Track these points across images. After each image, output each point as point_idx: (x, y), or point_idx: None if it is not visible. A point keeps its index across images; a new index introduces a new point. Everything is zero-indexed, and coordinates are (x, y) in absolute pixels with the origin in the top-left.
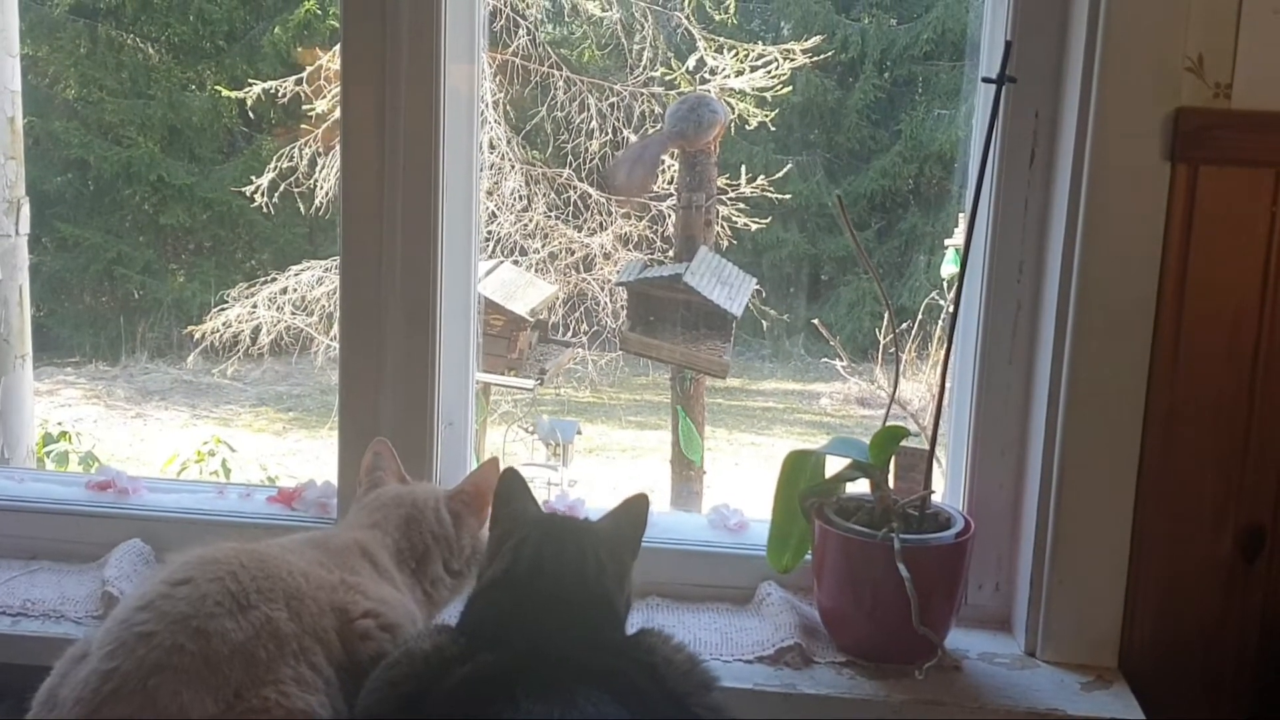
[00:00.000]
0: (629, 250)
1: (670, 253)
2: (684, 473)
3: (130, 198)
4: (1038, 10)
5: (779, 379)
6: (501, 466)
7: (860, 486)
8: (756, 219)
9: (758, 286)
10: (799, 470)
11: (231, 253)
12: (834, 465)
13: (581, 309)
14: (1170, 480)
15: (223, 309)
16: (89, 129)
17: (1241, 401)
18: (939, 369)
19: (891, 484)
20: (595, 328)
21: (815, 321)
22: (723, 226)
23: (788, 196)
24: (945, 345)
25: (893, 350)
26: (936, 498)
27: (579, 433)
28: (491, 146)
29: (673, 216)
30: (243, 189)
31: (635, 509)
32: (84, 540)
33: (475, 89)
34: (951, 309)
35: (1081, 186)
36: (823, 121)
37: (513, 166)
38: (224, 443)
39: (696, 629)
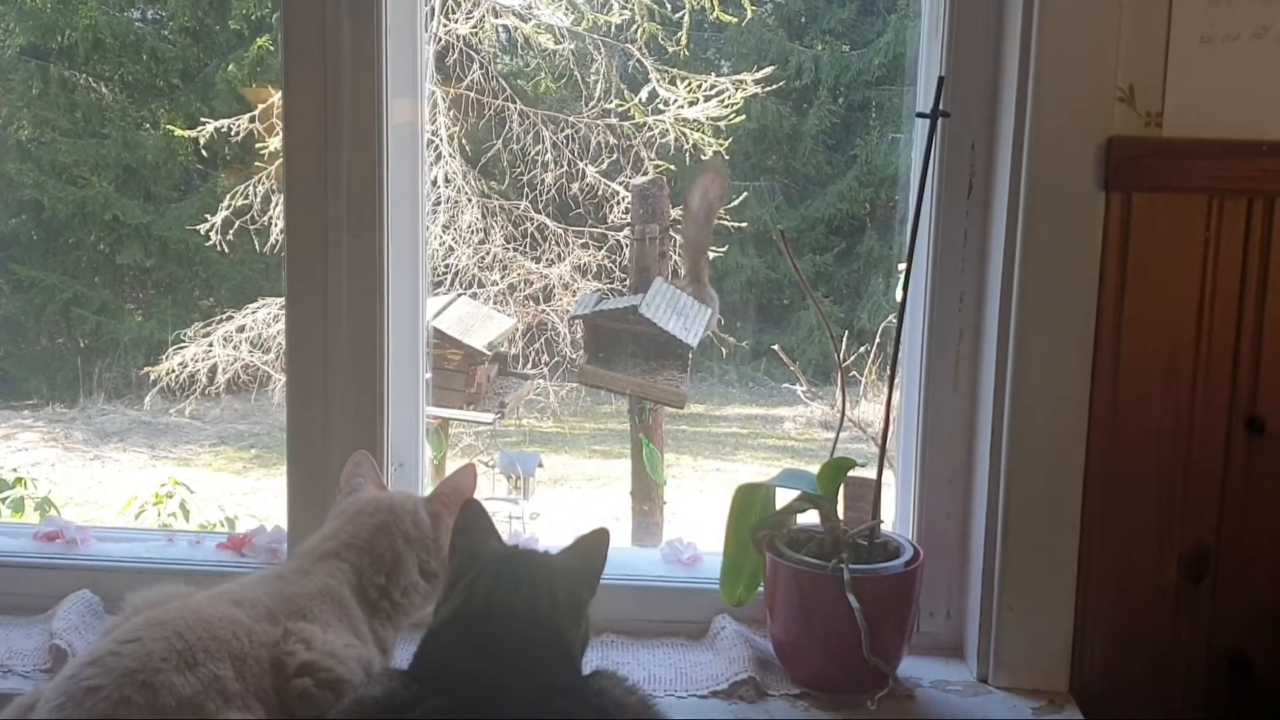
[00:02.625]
0: (587, 280)
1: (627, 283)
2: (644, 505)
3: (86, 238)
4: (971, 44)
5: (742, 404)
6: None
7: (812, 517)
8: (714, 248)
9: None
10: (749, 503)
11: (189, 291)
12: (785, 497)
13: (541, 340)
14: (1114, 504)
15: (179, 348)
16: (42, 170)
17: (1181, 425)
18: (885, 398)
19: (841, 514)
20: (556, 358)
21: (775, 347)
22: (680, 255)
23: (744, 225)
24: (889, 375)
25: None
26: (886, 527)
27: (540, 465)
28: (448, 180)
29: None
30: (198, 227)
31: (594, 544)
32: (32, 593)
33: (420, 123)
34: (895, 339)
35: (1018, 216)
36: (779, 148)
37: (469, 200)
38: (182, 484)
39: (651, 665)
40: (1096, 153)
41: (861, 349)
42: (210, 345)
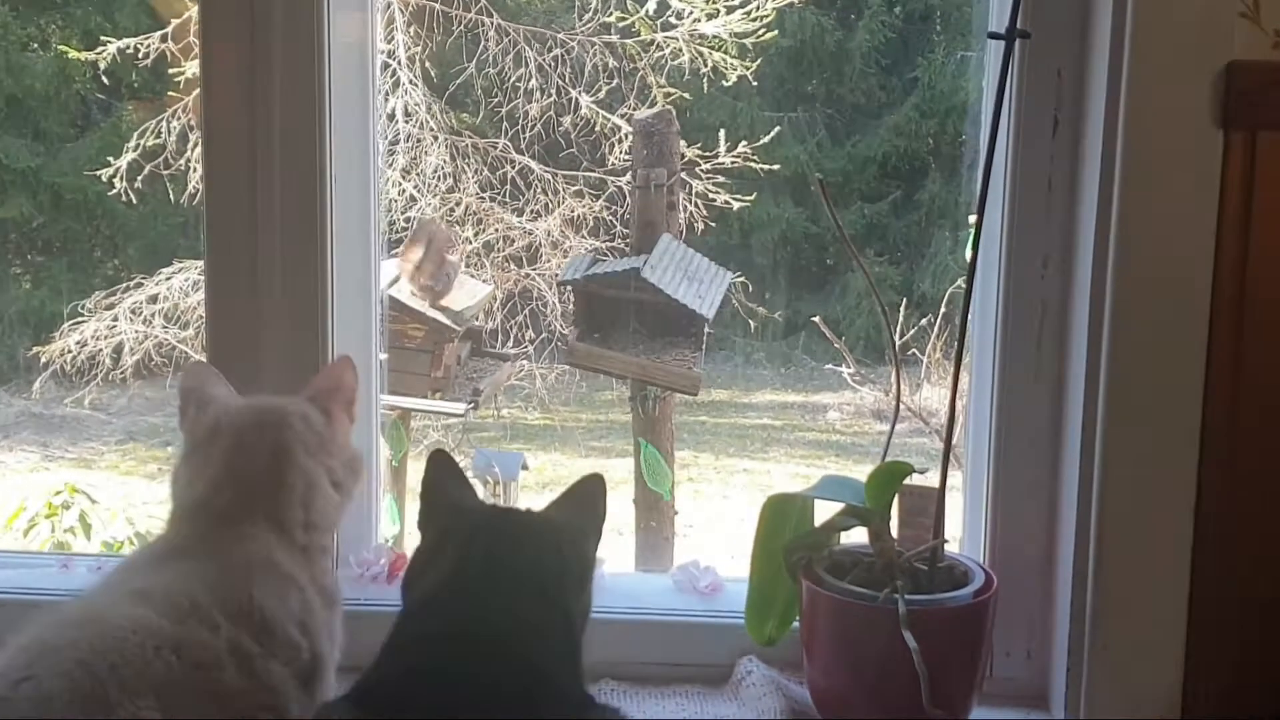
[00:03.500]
0: (582, 236)
1: (629, 241)
2: (650, 517)
3: None
4: None
5: (775, 389)
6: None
7: (860, 536)
8: (739, 196)
9: (742, 279)
10: (782, 518)
11: (89, 252)
12: (826, 511)
13: (525, 312)
14: (1236, 515)
15: (77, 323)
16: None
17: None
18: (950, 387)
19: (896, 532)
20: (543, 334)
21: (815, 319)
22: (696, 205)
23: (775, 167)
24: (955, 358)
25: (906, 356)
26: (952, 548)
27: (525, 467)
28: (407, 114)
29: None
30: (99, 172)
31: (589, 491)
32: None
33: (371, 42)
34: (962, 312)
35: (1115, 161)
36: (821, 70)
37: (435, 138)
38: (81, 491)
39: (662, 719)
40: (1213, 81)
41: (923, 320)
42: (115, 319)
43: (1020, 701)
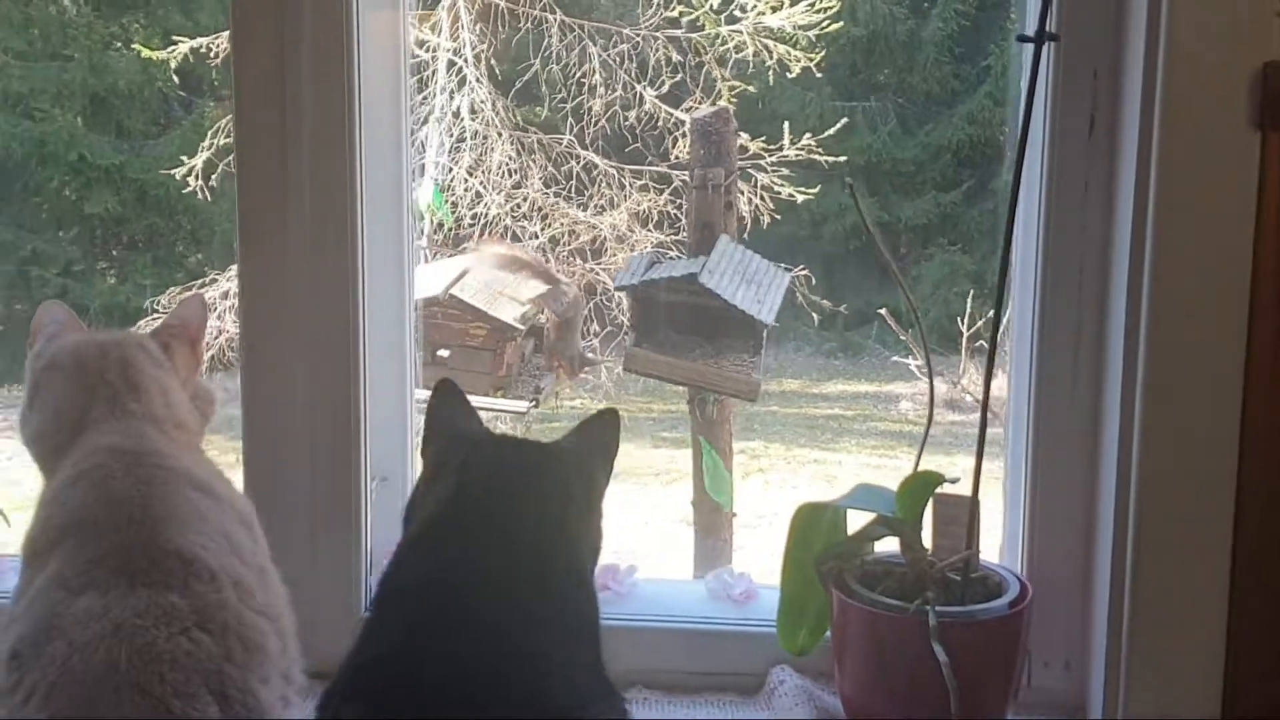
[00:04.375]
0: (648, 230)
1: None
2: (710, 517)
3: (47, 183)
4: None
5: (847, 379)
6: None
7: (893, 545)
8: (803, 189)
9: (806, 273)
10: (813, 527)
11: (172, 246)
12: (857, 521)
13: (590, 305)
14: (1276, 522)
15: (155, 319)
16: None
17: None
18: (981, 397)
19: (930, 541)
20: (609, 328)
21: (882, 311)
22: (762, 199)
23: (842, 159)
24: (986, 368)
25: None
26: (990, 557)
27: None
28: (474, 112)
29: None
30: (173, 171)
31: (604, 423)
32: None
33: (402, 39)
34: (993, 321)
35: (1151, 162)
36: (893, 59)
37: (500, 134)
38: None
39: None
40: (1250, 82)
41: (992, 312)
42: None
43: (1058, 712)
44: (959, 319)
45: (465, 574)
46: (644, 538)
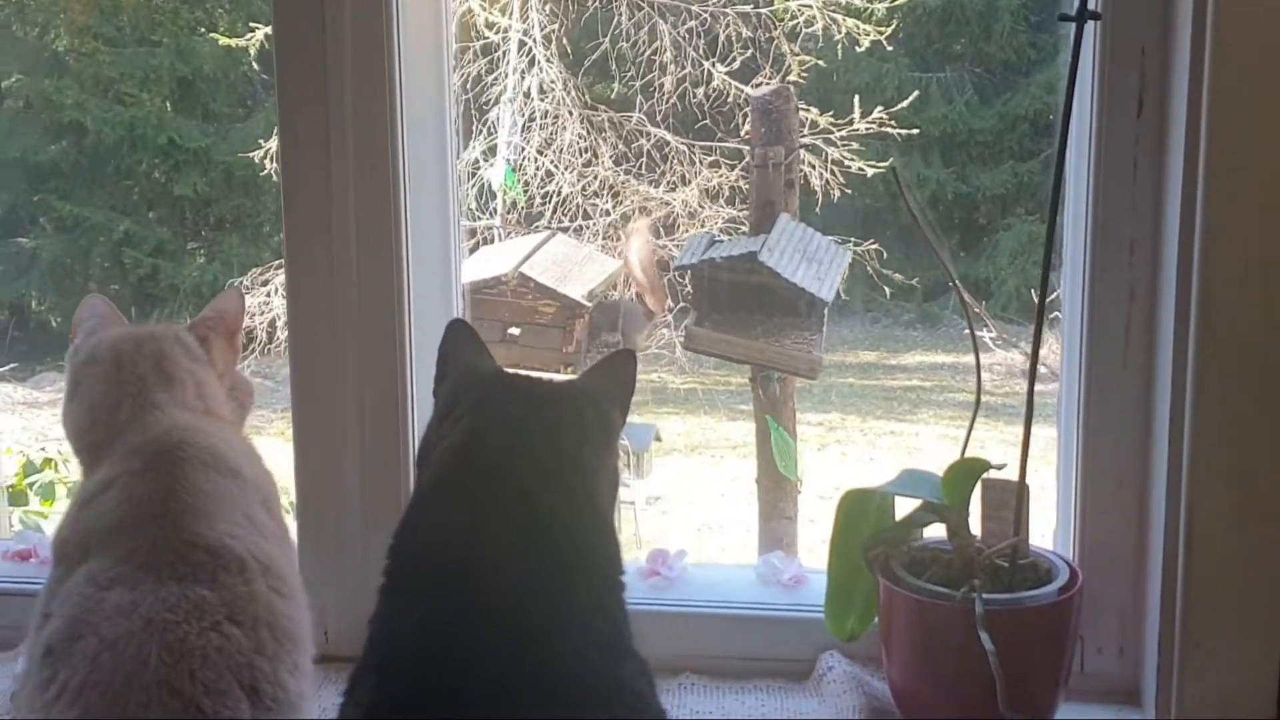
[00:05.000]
0: (719, 206)
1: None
2: (775, 497)
3: (137, 166)
4: None
5: (925, 350)
6: None
7: (941, 530)
8: (873, 162)
9: (877, 246)
10: (860, 513)
11: (258, 226)
12: (905, 506)
13: (664, 280)
14: None
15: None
16: (84, 86)
17: None
18: (1027, 380)
19: (979, 527)
20: (681, 304)
21: (954, 283)
22: (833, 173)
23: (914, 131)
24: (1031, 351)
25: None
26: (1044, 542)
27: (658, 438)
28: (544, 91)
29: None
30: (250, 154)
31: (619, 362)
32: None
33: (444, 20)
34: (1038, 310)
35: (1200, 142)
36: (969, 28)
37: (571, 113)
38: None
39: (741, 715)
40: None
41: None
42: (268, 295)
43: (1112, 699)
44: (1035, 289)
45: (484, 529)
46: (718, 510)
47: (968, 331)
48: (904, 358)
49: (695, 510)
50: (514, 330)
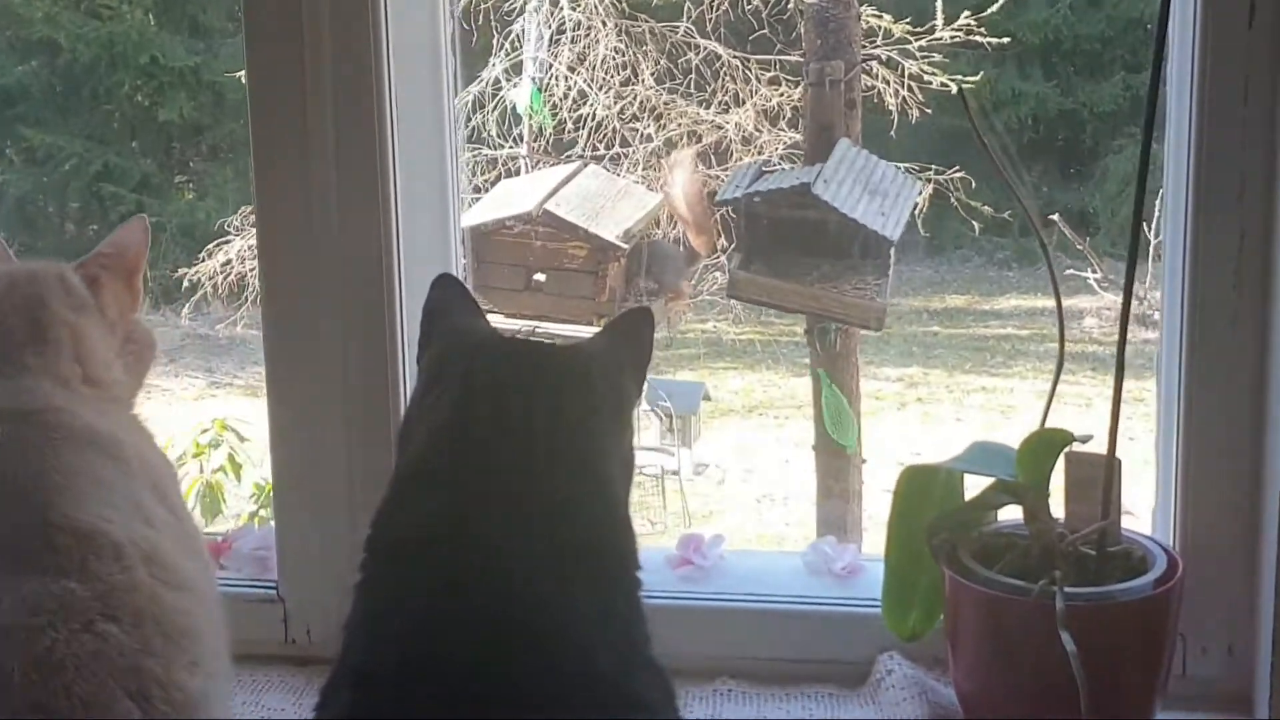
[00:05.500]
0: (779, 130)
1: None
2: (832, 464)
3: (117, 88)
4: None
5: (1022, 293)
6: None
7: (1017, 513)
8: (960, 77)
9: (963, 174)
10: (923, 494)
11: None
12: (976, 486)
13: (716, 216)
14: None
15: (223, 243)
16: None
17: None
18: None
19: (1063, 509)
20: (734, 243)
21: (1055, 217)
22: (910, 90)
23: (1007, 39)
24: (1122, 305)
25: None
26: (1140, 526)
27: (707, 397)
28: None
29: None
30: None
31: (633, 322)
32: None
33: None
34: (1130, 251)
35: None
36: None
37: (604, 24)
38: (230, 429)
39: None
40: None
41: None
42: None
43: (1218, 704)
44: (1149, 223)
45: (473, 521)
46: (780, 480)
47: (1096, 265)
48: (997, 302)
49: (754, 480)
50: (539, 276)
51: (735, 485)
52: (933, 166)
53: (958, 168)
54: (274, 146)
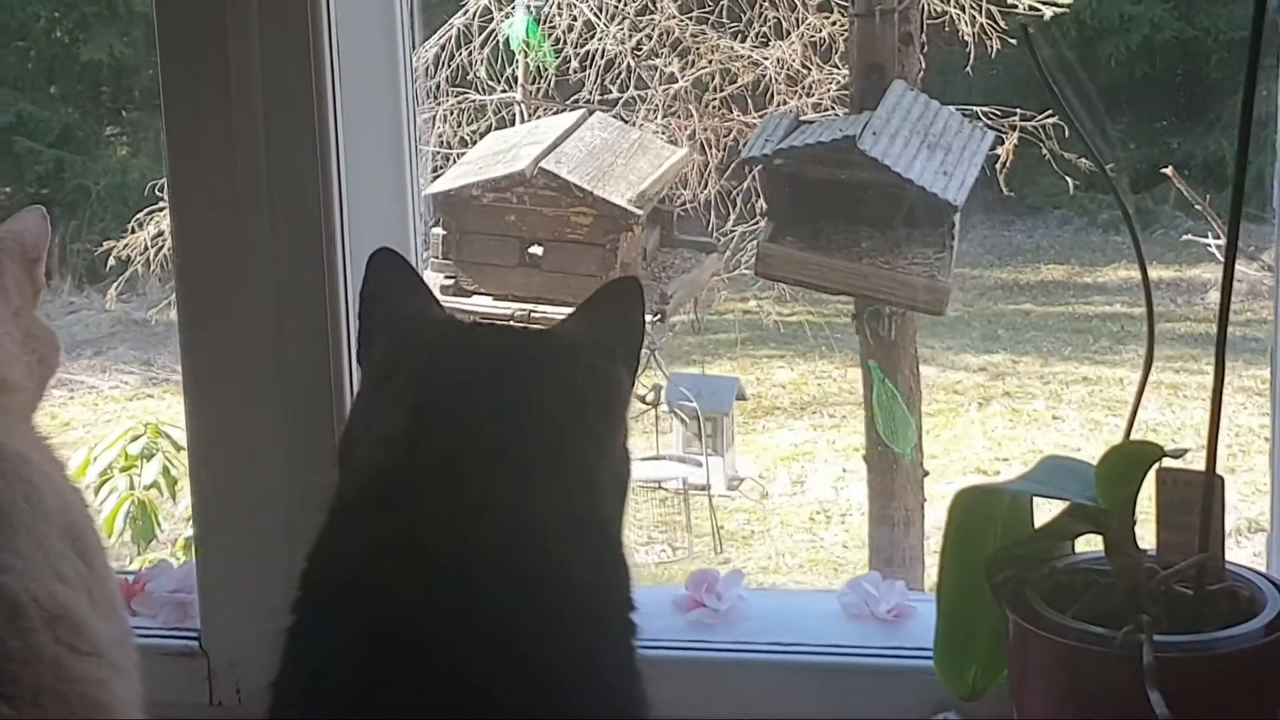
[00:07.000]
0: (828, 69)
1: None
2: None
3: (32, 22)
4: None
5: (1133, 263)
6: None
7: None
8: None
9: (1057, 120)
10: (982, 521)
11: None
12: (1046, 511)
13: (750, 177)
14: None
15: (153, 211)
16: None
17: None
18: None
19: (1155, 538)
20: (764, 210)
21: (1167, 170)
22: (990, 18)
23: None
24: (1220, 306)
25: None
26: (1255, 561)
27: (742, 396)
28: None
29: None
30: None
31: (616, 295)
32: None
33: None
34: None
35: None
36: None
37: None
38: (165, 435)
39: None
40: None
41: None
42: None
43: None
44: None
45: (428, 551)
46: (838, 492)
47: (1217, 228)
48: (1102, 274)
49: (805, 494)
50: (535, 249)
51: (781, 500)
52: (1018, 111)
53: (1050, 112)
54: (189, 96)
